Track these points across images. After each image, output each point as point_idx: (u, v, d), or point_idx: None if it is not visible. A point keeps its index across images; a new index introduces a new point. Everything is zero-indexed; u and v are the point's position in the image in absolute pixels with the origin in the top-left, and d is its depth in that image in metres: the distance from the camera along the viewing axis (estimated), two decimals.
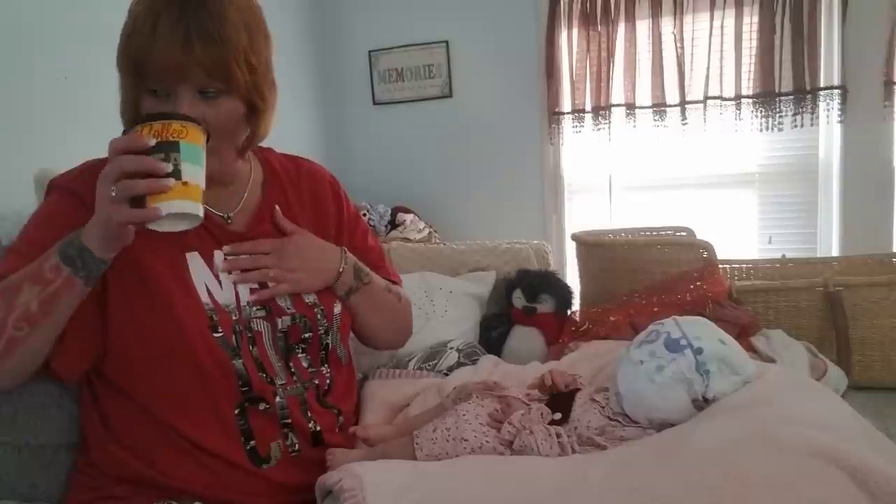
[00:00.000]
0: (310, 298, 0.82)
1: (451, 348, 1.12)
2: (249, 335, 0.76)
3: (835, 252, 2.29)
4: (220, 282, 0.76)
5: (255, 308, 0.77)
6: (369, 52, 2.73)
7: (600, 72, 2.41)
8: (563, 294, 1.35)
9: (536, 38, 2.51)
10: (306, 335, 0.80)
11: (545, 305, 1.33)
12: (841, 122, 2.22)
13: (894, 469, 0.58)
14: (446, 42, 2.63)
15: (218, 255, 0.77)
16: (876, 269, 1.36)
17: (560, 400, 0.78)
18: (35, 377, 0.72)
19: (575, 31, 2.44)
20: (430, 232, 2.53)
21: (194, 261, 0.75)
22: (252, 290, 0.78)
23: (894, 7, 2.11)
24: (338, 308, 0.84)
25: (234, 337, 0.74)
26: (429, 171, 2.74)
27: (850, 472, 0.57)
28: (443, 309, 1.28)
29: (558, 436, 0.71)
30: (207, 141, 0.66)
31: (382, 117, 2.78)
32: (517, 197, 2.65)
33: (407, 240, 2.24)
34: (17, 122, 1.24)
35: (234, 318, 0.75)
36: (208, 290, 0.75)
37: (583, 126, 2.49)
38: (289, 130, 2.59)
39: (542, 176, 2.62)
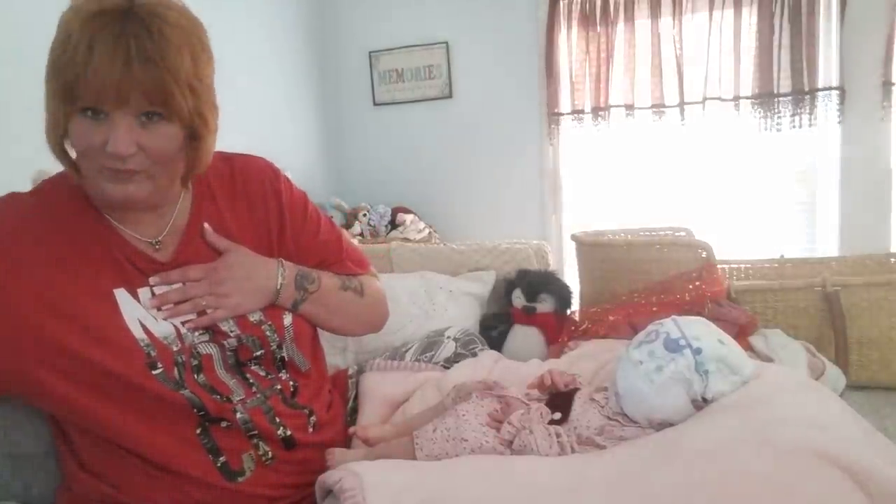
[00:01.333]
0: (255, 317, 0.78)
1: (448, 337, 1.10)
2: (196, 363, 0.73)
3: (833, 252, 2.29)
4: (152, 314, 0.73)
5: (196, 333, 0.74)
6: (369, 52, 2.73)
7: (599, 72, 2.42)
8: (563, 294, 1.35)
9: (536, 39, 2.52)
10: (257, 353, 0.78)
11: (545, 305, 1.33)
12: (839, 122, 2.23)
13: (893, 469, 0.58)
14: (446, 43, 2.63)
15: (143, 293, 0.73)
16: (874, 269, 1.36)
17: (559, 399, 0.78)
18: None
19: (574, 31, 2.45)
20: (430, 232, 2.53)
21: (123, 297, 0.71)
22: (187, 321, 0.74)
23: (892, 8, 2.12)
24: (288, 319, 0.80)
25: (176, 369, 0.71)
26: (429, 171, 2.75)
27: (849, 472, 0.58)
28: (443, 308, 1.28)
29: (558, 435, 0.72)
30: None
31: (382, 118, 2.78)
32: (517, 197, 2.66)
33: (407, 240, 2.25)
34: (15, 122, 1.24)
35: (175, 348, 0.72)
36: (143, 326, 0.71)
37: (582, 126, 2.50)
38: (289, 131, 2.59)
39: (542, 176, 2.63)
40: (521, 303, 1.35)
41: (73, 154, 0.69)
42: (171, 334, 0.73)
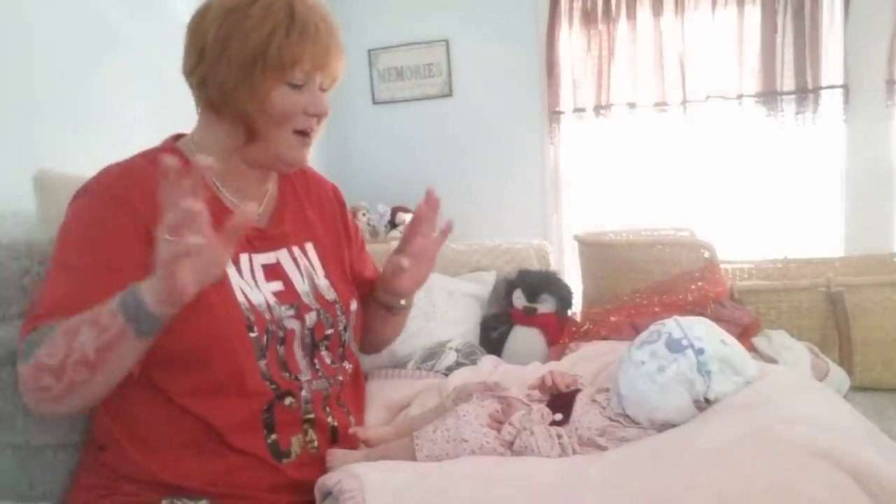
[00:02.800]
0: (330, 295, 0.84)
1: (450, 348, 1.11)
2: (281, 335, 0.77)
3: (837, 252, 2.28)
4: (249, 282, 0.77)
5: (284, 307, 0.78)
6: (369, 50, 2.73)
7: (601, 70, 2.41)
8: (564, 294, 1.35)
9: (537, 37, 2.51)
10: (328, 331, 0.82)
11: (546, 306, 1.32)
12: (843, 120, 2.22)
13: None
14: (446, 41, 2.63)
15: (243, 259, 0.77)
16: (878, 269, 1.35)
17: (561, 401, 0.77)
18: None
19: (576, 28, 2.44)
20: None
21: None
22: (277, 293, 0.79)
23: None
24: (354, 305, 0.87)
25: (265, 337, 0.75)
26: (429, 170, 2.74)
27: (853, 473, 0.57)
28: (443, 310, 1.27)
29: (559, 437, 0.71)
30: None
31: (382, 116, 2.78)
32: (517, 197, 2.65)
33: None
34: (16, 121, 1.23)
35: (267, 317, 0.76)
36: (242, 291, 0.75)
37: (584, 125, 2.49)
38: None
39: (543, 175, 2.62)
40: (522, 303, 1.34)
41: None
42: (264, 304, 0.77)
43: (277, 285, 0.79)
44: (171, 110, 1.63)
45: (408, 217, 2.51)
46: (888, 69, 2.14)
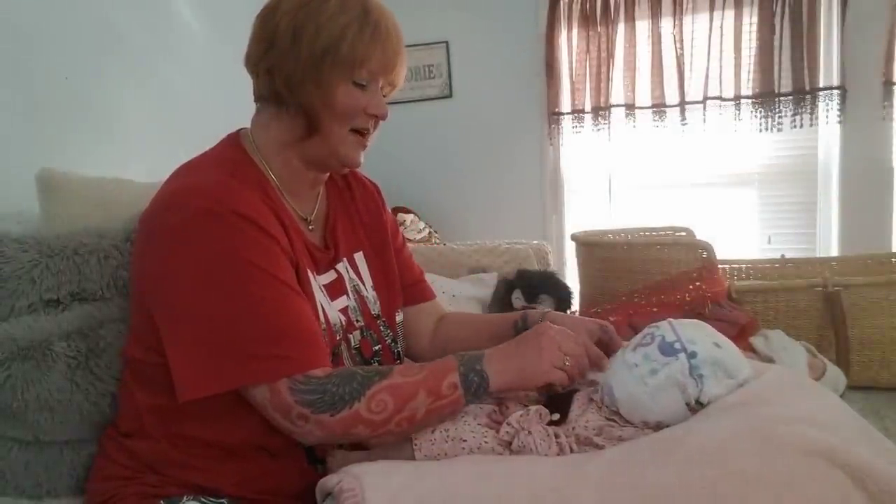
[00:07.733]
0: (375, 309, 0.84)
1: None
2: (336, 353, 0.78)
3: (834, 252, 2.29)
4: (328, 302, 0.77)
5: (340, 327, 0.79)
6: None
7: (600, 72, 2.42)
8: (563, 294, 1.36)
9: (536, 39, 2.51)
10: (376, 347, 0.83)
11: (545, 306, 1.33)
12: (840, 122, 2.23)
13: (892, 468, 0.58)
14: (446, 42, 2.63)
15: (319, 279, 0.76)
16: (875, 269, 1.36)
17: (558, 400, 0.78)
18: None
19: (574, 31, 2.45)
20: (430, 232, 2.53)
21: (312, 279, 0.75)
22: (342, 309, 0.79)
23: (893, 7, 2.11)
24: (400, 317, 0.87)
25: (332, 357, 0.75)
26: (429, 171, 2.74)
27: (848, 471, 0.57)
28: None
29: (556, 436, 0.71)
30: None
31: None
32: (517, 197, 2.65)
33: (407, 240, 2.24)
34: (18, 121, 1.24)
35: (338, 337, 0.77)
36: (323, 309, 0.75)
37: (582, 126, 2.49)
38: None
39: (542, 176, 2.63)
40: (521, 304, 1.35)
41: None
42: (339, 323, 0.77)
43: (341, 302, 0.79)
44: (173, 110, 1.64)
45: (408, 217, 2.52)
46: (885, 70, 2.15)
